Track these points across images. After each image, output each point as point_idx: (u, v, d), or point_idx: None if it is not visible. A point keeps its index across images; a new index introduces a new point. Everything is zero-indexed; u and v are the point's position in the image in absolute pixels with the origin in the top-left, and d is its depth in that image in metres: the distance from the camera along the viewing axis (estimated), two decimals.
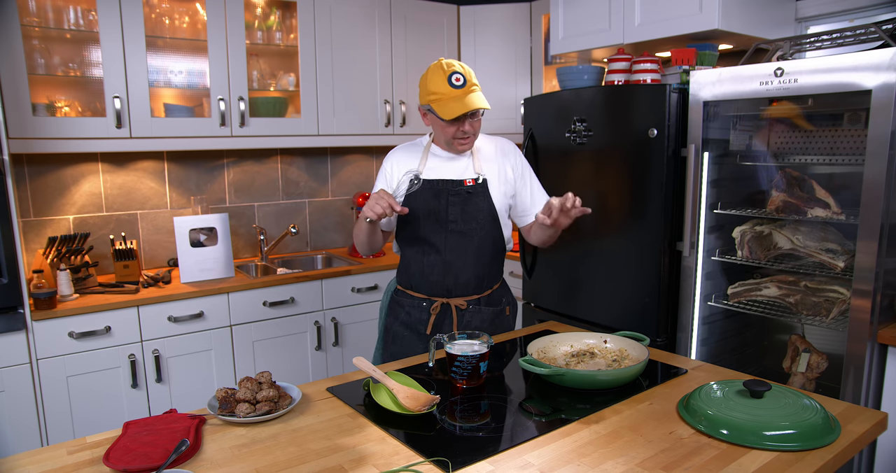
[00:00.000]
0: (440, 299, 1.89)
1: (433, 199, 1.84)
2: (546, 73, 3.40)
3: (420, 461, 1.16)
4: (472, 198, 1.85)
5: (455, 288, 1.89)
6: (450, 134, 1.80)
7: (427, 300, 1.91)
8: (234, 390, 1.37)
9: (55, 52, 2.64)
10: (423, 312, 1.91)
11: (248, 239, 3.34)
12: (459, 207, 1.84)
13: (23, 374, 2.28)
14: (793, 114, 2.37)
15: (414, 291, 1.93)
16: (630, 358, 1.61)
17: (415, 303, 1.92)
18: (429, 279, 1.89)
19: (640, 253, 2.41)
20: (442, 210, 1.84)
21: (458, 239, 1.85)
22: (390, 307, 2.00)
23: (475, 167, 1.88)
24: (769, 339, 2.64)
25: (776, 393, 1.33)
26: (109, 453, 1.16)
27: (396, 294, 1.98)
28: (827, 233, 2.21)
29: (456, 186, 1.85)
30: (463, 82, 1.73)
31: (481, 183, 1.86)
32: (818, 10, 2.55)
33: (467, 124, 1.78)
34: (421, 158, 1.89)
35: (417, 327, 1.92)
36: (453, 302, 1.89)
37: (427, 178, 1.85)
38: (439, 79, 1.74)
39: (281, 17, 3.06)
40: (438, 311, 1.89)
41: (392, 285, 2.04)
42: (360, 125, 3.24)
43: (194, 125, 2.80)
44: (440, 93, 1.74)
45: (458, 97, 1.73)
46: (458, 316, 1.90)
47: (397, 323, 1.95)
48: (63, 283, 2.43)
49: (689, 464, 1.13)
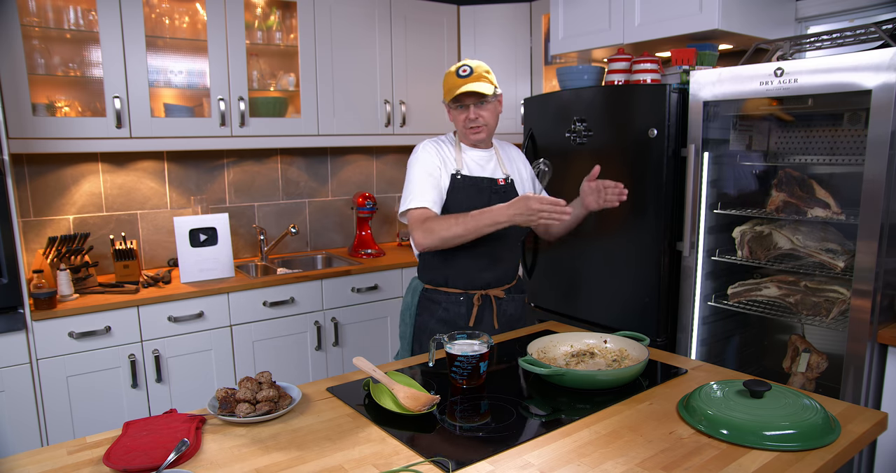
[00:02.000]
0: (479, 291, 1.95)
1: (477, 195, 1.91)
2: (546, 73, 3.39)
3: (420, 461, 1.16)
4: (508, 197, 1.92)
5: (494, 280, 1.97)
6: (459, 122, 1.92)
7: (465, 294, 1.95)
8: (234, 390, 1.37)
9: (55, 52, 2.64)
10: (461, 306, 1.95)
11: (248, 239, 3.34)
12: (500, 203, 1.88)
13: (23, 374, 2.28)
14: (793, 115, 2.37)
15: (449, 287, 1.96)
16: (630, 358, 1.61)
17: (452, 299, 1.95)
18: (470, 273, 1.94)
19: (640, 253, 2.41)
20: (485, 205, 1.84)
21: (497, 236, 1.87)
22: (421, 305, 2.00)
23: (502, 168, 2.01)
24: (769, 339, 2.64)
25: (776, 393, 1.33)
26: (109, 453, 1.16)
27: (427, 292, 1.99)
28: (827, 233, 2.21)
29: (494, 184, 1.95)
30: (469, 72, 1.86)
31: (510, 182, 1.99)
32: (818, 10, 2.55)
33: (472, 111, 1.88)
34: (457, 155, 1.96)
35: (457, 321, 1.96)
36: (492, 292, 1.97)
37: (467, 175, 1.93)
38: (449, 74, 1.90)
39: (281, 17, 3.06)
40: (480, 303, 1.95)
41: (417, 285, 2.04)
42: (360, 125, 3.24)
43: (194, 125, 2.80)
44: (449, 83, 1.89)
45: (460, 84, 1.86)
46: (497, 305, 1.97)
47: (433, 321, 1.97)
48: (63, 283, 2.43)
49: (689, 464, 1.13)
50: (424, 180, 1.88)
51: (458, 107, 1.91)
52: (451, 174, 1.91)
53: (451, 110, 1.94)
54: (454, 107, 1.91)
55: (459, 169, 1.93)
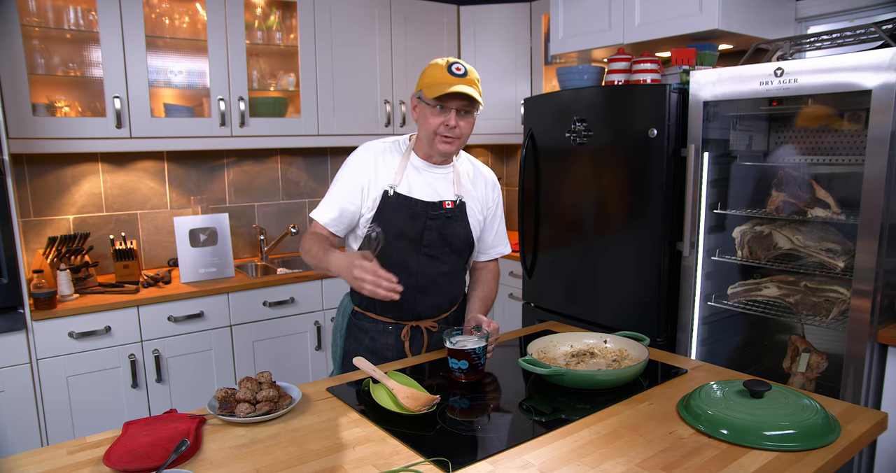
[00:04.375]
0: (409, 322, 1.76)
1: (409, 220, 1.68)
2: (546, 72, 3.40)
3: (420, 461, 1.16)
4: (451, 223, 1.71)
5: (425, 311, 1.76)
6: (432, 124, 1.62)
7: (394, 324, 1.75)
8: (234, 390, 1.37)
9: (55, 52, 2.64)
10: (389, 336, 1.76)
11: (248, 239, 3.34)
12: (437, 232, 1.70)
13: (23, 374, 2.28)
14: (793, 114, 2.37)
15: (377, 314, 1.76)
16: (630, 358, 1.61)
17: (379, 328, 1.76)
18: (398, 303, 1.65)
19: (640, 253, 2.41)
20: (417, 233, 1.68)
21: (431, 263, 1.72)
22: (349, 330, 1.81)
23: (455, 188, 1.74)
24: (769, 339, 2.63)
25: (776, 393, 1.33)
26: (109, 453, 1.16)
27: (356, 317, 1.80)
28: (827, 233, 2.21)
29: (435, 209, 1.69)
30: (463, 72, 1.59)
31: (459, 205, 1.73)
32: (818, 10, 2.55)
33: (454, 118, 1.60)
34: (399, 168, 1.70)
35: (384, 352, 1.77)
36: (423, 324, 1.77)
37: (403, 194, 1.67)
38: (438, 67, 1.61)
39: (281, 17, 3.06)
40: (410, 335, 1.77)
41: (347, 304, 1.84)
42: (360, 125, 3.24)
43: (194, 125, 2.80)
44: (435, 77, 1.59)
45: (453, 82, 1.57)
46: (429, 337, 1.79)
47: (361, 349, 1.78)
48: (63, 283, 2.43)
49: (689, 464, 1.13)
50: (335, 194, 1.69)
51: (438, 107, 1.60)
52: (384, 190, 1.66)
53: (426, 108, 1.63)
54: (433, 105, 1.60)
55: (395, 185, 1.67)
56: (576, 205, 2.65)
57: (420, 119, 1.68)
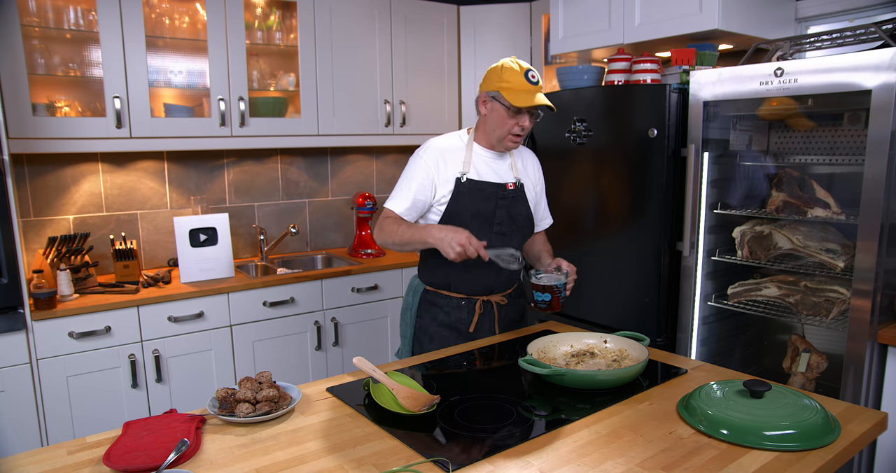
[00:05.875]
0: (481, 297, 1.93)
1: (483, 202, 1.85)
2: (546, 72, 3.39)
3: (420, 461, 1.16)
4: (515, 202, 1.90)
5: (497, 286, 1.94)
6: (507, 127, 1.81)
7: (467, 299, 1.92)
8: (234, 390, 1.38)
9: (55, 52, 2.64)
10: (462, 311, 1.93)
11: (248, 239, 3.34)
12: (505, 210, 1.88)
13: (23, 374, 2.28)
14: (793, 114, 2.37)
15: (451, 291, 1.93)
16: (630, 358, 1.61)
17: (453, 303, 1.92)
18: (474, 278, 1.90)
19: (640, 253, 2.41)
20: (490, 212, 1.86)
21: (501, 240, 1.87)
22: (422, 307, 1.97)
23: (514, 171, 1.94)
24: (769, 339, 2.64)
25: (776, 393, 1.33)
26: (109, 453, 1.16)
27: (428, 294, 1.96)
28: (827, 232, 2.21)
29: (501, 190, 1.88)
30: (537, 80, 1.78)
31: (519, 186, 1.93)
32: (818, 10, 2.55)
33: (528, 120, 1.80)
34: (466, 158, 1.88)
35: (458, 326, 1.93)
36: (494, 298, 1.94)
37: (473, 179, 1.86)
38: (515, 72, 1.77)
39: (281, 17, 3.06)
40: (482, 310, 1.93)
41: (417, 285, 2.00)
42: (360, 125, 3.24)
43: (194, 125, 2.79)
44: (515, 82, 1.76)
45: (532, 91, 1.76)
46: (499, 311, 1.96)
47: (434, 324, 1.94)
48: (63, 283, 2.43)
49: (689, 464, 1.13)
50: (408, 187, 1.85)
51: (515, 111, 1.77)
52: (456, 178, 1.84)
53: (502, 110, 1.79)
54: (514, 110, 1.77)
55: (466, 172, 1.86)
56: (576, 204, 2.66)
57: (491, 116, 1.84)
